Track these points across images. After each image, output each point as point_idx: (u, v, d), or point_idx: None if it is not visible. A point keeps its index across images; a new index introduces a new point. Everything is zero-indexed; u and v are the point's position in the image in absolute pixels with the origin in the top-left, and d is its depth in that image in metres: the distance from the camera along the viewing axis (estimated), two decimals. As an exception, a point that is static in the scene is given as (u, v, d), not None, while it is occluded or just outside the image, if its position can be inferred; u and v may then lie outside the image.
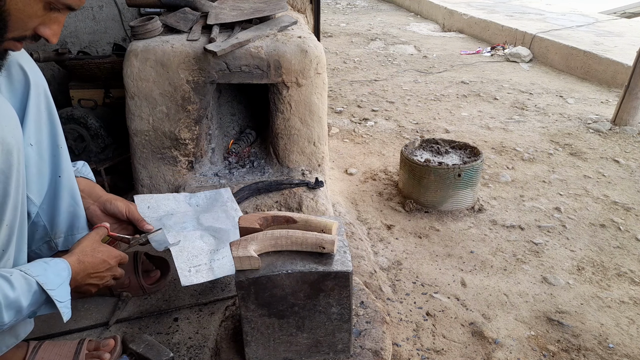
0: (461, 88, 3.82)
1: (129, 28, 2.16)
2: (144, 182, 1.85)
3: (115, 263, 1.18)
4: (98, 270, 1.13)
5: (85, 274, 1.10)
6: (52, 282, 0.99)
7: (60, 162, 1.21)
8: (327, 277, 1.02)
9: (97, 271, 1.13)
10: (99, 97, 2.07)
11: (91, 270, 1.11)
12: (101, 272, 1.14)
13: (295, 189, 1.75)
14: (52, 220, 1.25)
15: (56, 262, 1.03)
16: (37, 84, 1.14)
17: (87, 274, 1.11)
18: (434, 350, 1.37)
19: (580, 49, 4.11)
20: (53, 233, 1.26)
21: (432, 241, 1.89)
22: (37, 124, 1.14)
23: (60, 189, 1.23)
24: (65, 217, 1.26)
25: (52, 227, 1.26)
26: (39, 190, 1.19)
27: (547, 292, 1.62)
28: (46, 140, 1.18)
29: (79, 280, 1.09)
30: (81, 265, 1.09)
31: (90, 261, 1.11)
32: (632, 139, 2.84)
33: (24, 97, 1.11)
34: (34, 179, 1.15)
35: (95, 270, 1.12)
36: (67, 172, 1.23)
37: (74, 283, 1.06)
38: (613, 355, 1.37)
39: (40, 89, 1.16)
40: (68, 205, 1.26)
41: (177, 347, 1.30)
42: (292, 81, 1.75)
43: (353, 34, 5.78)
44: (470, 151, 2.18)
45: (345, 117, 3.22)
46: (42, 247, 1.27)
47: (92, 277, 1.13)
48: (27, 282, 0.95)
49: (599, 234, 1.95)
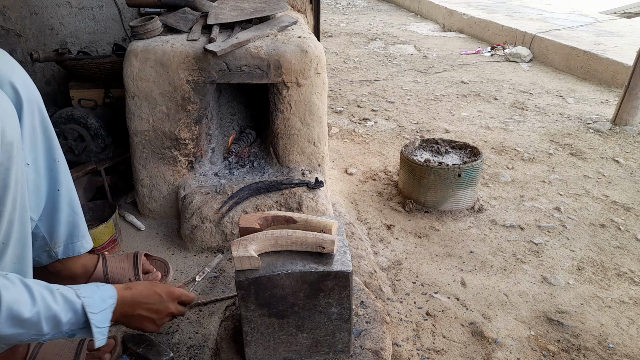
0: (461, 88, 3.81)
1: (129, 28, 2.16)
2: (144, 182, 1.85)
3: (173, 299, 1.15)
4: (149, 301, 1.10)
5: (133, 302, 1.07)
6: (96, 306, 0.98)
7: (59, 176, 1.22)
8: (327, 277, 1.01)
9: (149, 302, 1.10)
10: (99, 97, 2.07)
11: (141, 299, 1.09)
12: (153, 305, 1.11)
13: (295, 189, 1.75)
14: (51, 231, 1.26)
15: (106, 289, 1.03)
16: (30, 101, 1.12)
17: (136, 302, 1.08)
18: (434, 350, 1.37)
19: (580, 49, 4.11)
20: (52, 243, 1.27)
21: (432, 241, 1.89)
22: (33, 142, 1.14)
23: (59, 202, 1.24)
24: (65, 227, 1.28)
25: (51, 238, 1.27)
26: (37, 206, 1.19)
27: (547, 292, 1.62)
28: (42, 156, 1.17)
29: (127, 309, 1.06)
30: (128, 291, 1.07)
31: (141, 290, 1.09)
32: (632, 139, 2.83)
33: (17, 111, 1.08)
34: (32, 196, 1.16)
35: (147, 300, 1.10)
36: (65, 184, 1.24)
37: (120, 311, 1.04)
38: (613, 355, 1.37)
39: (33, 105, 1.13)
40: (67, 216, 1.27)
41: (177, 347, 1.30)
42: (292, 81, 1.75)
43: (353, 34, 5.78)
44: (470, 151, 2.18)
45: (345, 117, 3.21)
46: (41, 256, 1.28)
47: (144, 309, 1.10)
48: (71, 300, 0.95)
49: (599, 234, 1.95)
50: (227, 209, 1.67)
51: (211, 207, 1.68)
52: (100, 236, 1.59)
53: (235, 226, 1.66)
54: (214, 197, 1.72)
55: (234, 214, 1.67)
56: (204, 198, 1.72)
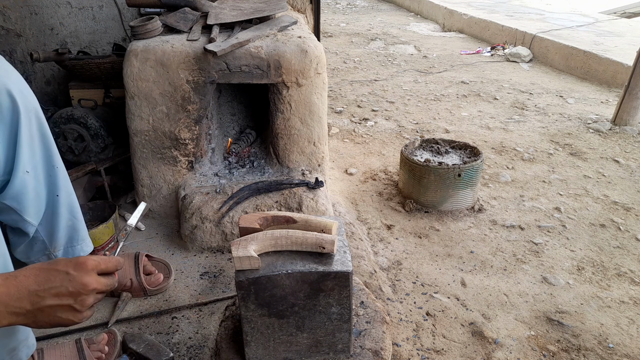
0: (461, 88, 3.81)
1: (129, 28, 2.16)
2: (144, 182, 1.85)
3: (86, 272, 0.81)
4: (52, 284, 0.78)
5: (22, 295, 0.77)
6: None
7: (57, 181, 1.22)
8: (327, 277, 1.01)
9: (51, 286, 0.78)
10: (99, 97, 2.07)
11: (36, 286, 0.78)
12: (60, 287, 0.79)
13: (295, 189, 1.74)
14: (51, 235, 1.26)
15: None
16: (27, 108, 1.10)
17: (31, 293, 0.77)
18: (434, 350, 1.37)
19: (580, 49, 4.11)
20: (52, 247, 1.28)
21: (432, 241, 1.89)
22: (31, 150, 1.13)
23: (59, 207, 1.24)
24: (64, 231, 1.28)
25: (50, 242, 1.27)
26: (37, 212, 1.20)
27: (547, 292, 1.62)
28: (41, 163, 1.17)
29: (16, 306, 0.76)
30: (12, 281, 0.77)
31: (35, 273, 0.78)
32: (632, 139, 2.83)
33: (14, 125, 1.07)
34: (32, 202, 1.16)
35: (47, 285, 0.78)
36: (64, 189, 1.24)
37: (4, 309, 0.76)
38: (613, 355, 1.37)
39: (31, 113, 1.12)
40: (67, 220, 1.27)
41: (177, 347, 1.30)
42: (292, 81, 1.75)
43: (353, 34, 5.77)
44: (470, 151, 2.18)
45: (345, 117, 3.21)
46: (40, 259, 1.29)
47: (50, 296, 0.78)
48: None
49: (599, 234, 1.95)
50: (227, 209, 1.67)
51: (211, 207, 1.68)
52: (100, 236, 1.59)
53: (235, 226, 1.66)
54: (214, 197, 1.72)
55: (234, 214, 1.67)
56: (204, 198, 1.72)
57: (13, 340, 1.03)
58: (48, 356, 1.16)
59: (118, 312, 1.40)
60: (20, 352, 1.05)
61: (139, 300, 1.47)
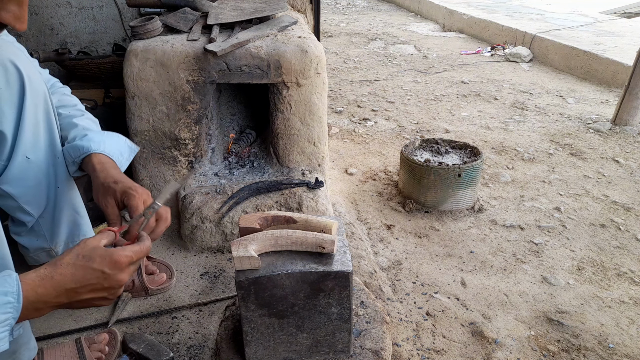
0: (461, 88, 3.81)
1: (129, 28, 2.16)
2: (144, 182, 1.85)
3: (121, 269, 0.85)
4: (88, 282, 0.82)
5: (61, 292, 0.80)
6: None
7: (59, 173, 1.18)
8: (327, 277, 1.01)
9: (88, 283, 0.82)
10: (99, 97, 2.07)
11: (74, 285, 0.81)
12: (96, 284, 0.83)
13: (295, 189, 1.74)
14: (52, 230, 1.24)
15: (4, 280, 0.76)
16: (36, 91, 1.07)
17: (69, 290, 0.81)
18: (434, 350, 1.37)
19: (580, 49, 4.11)
20: (53, 243, 1.26)
21: (432, 241, 1.89)
22: (35, 135, 1.10)
23: (60, 200, 1.21)
24: (66, 227, 1.26)
25: (52, 237, 1.25)
26: (38, 202, 1.16)
27: (547, 292, 1.62)
28: (43, 151, 1.13)
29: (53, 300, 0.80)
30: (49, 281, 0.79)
31: (72, 272, 0.81)
32: (632, 139, 2.83)
33: (20, 101, 1.05)
34: (31, 191, 1.13)
35: (84, 282, 0.81)
36: (66, 182, 1.21)
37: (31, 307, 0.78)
38: (613, 355, 1.37)
39: (39, 97, 1.08)
40: (69, 215, 1.25)
41: (177, 347, 1.30)
42: (292, 81, 1.75)
43: (353, 34, 5.77)
44: (470, 151, 2.18)
45: (345, 117, 3.21)
46: (40, 255, 1.27)
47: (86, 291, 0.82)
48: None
49: (599, 234, 1.95)
50: (227, 209, 1.67)
51: (211, 207, 1.68)
52: (100, 236, 1.59)
53: (235, 226, 1.66)
54: (214, 197, 1.72)
55: (234, 214, 1.67)
56: (204, 198, 1.72)
57: (14, 343, 1.02)
58: (48, 356, 1.16)
59: (118, 312, 1.40)
60: (21, 356, 1.05)
61: (139, 300, 1.47)
